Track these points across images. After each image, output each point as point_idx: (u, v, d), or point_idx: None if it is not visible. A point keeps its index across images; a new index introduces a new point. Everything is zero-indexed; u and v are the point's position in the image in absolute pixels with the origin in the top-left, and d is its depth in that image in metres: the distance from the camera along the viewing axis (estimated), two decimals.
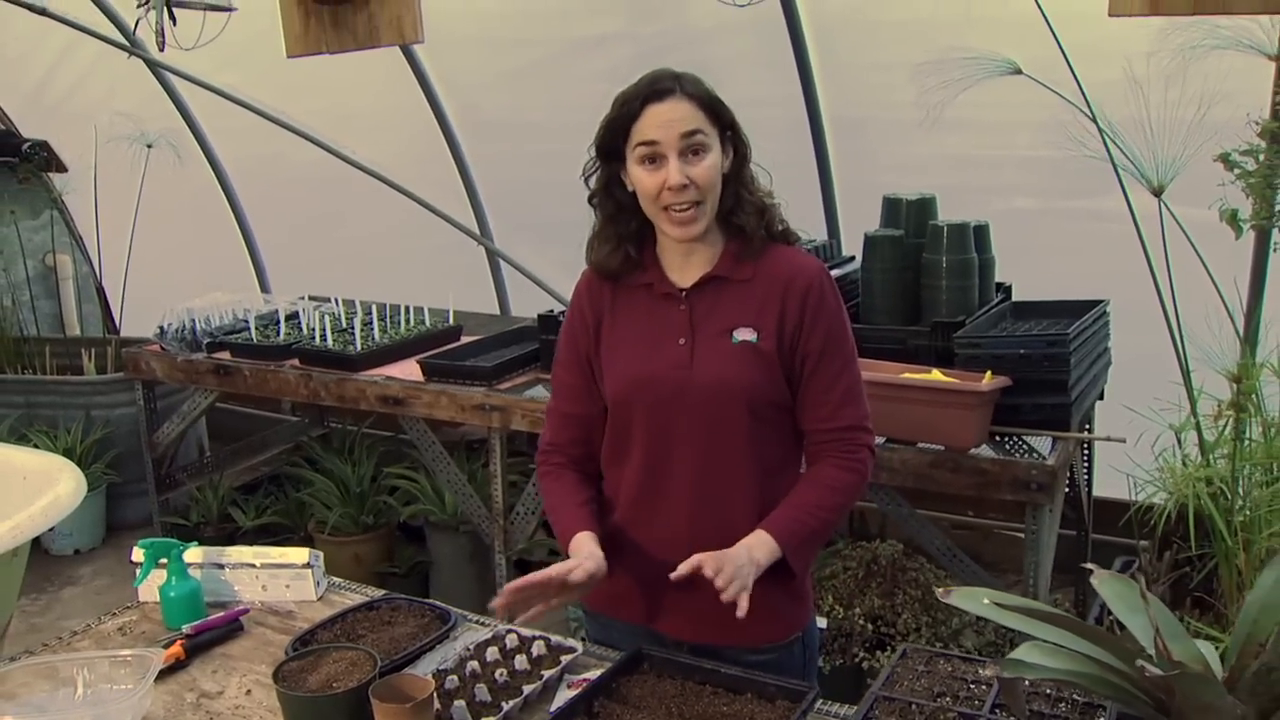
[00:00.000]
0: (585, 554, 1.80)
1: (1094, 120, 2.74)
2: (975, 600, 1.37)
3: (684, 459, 1.86)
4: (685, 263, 1.87)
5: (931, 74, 2.93)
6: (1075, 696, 1.61)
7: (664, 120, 1.74)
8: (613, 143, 1.80)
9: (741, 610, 1.67)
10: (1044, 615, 1.33)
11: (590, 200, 1.90)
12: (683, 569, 1.71)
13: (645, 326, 1.89)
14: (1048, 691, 1.63)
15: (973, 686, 1.66)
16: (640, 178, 1.78)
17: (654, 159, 1.76)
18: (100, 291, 6.08)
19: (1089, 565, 1.50)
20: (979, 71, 2.87)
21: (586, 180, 1.88)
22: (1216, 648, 1.42)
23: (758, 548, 1.77)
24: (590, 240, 1.93)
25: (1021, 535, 2.83)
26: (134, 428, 4.60)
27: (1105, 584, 1.47)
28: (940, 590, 1.43)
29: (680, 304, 1.86)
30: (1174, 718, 1.28)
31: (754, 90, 3.90)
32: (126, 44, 4.27)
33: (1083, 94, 2.77)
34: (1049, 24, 2.78)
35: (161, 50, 3.51)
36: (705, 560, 1.70)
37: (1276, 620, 1.30)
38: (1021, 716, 1.54)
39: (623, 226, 1.87)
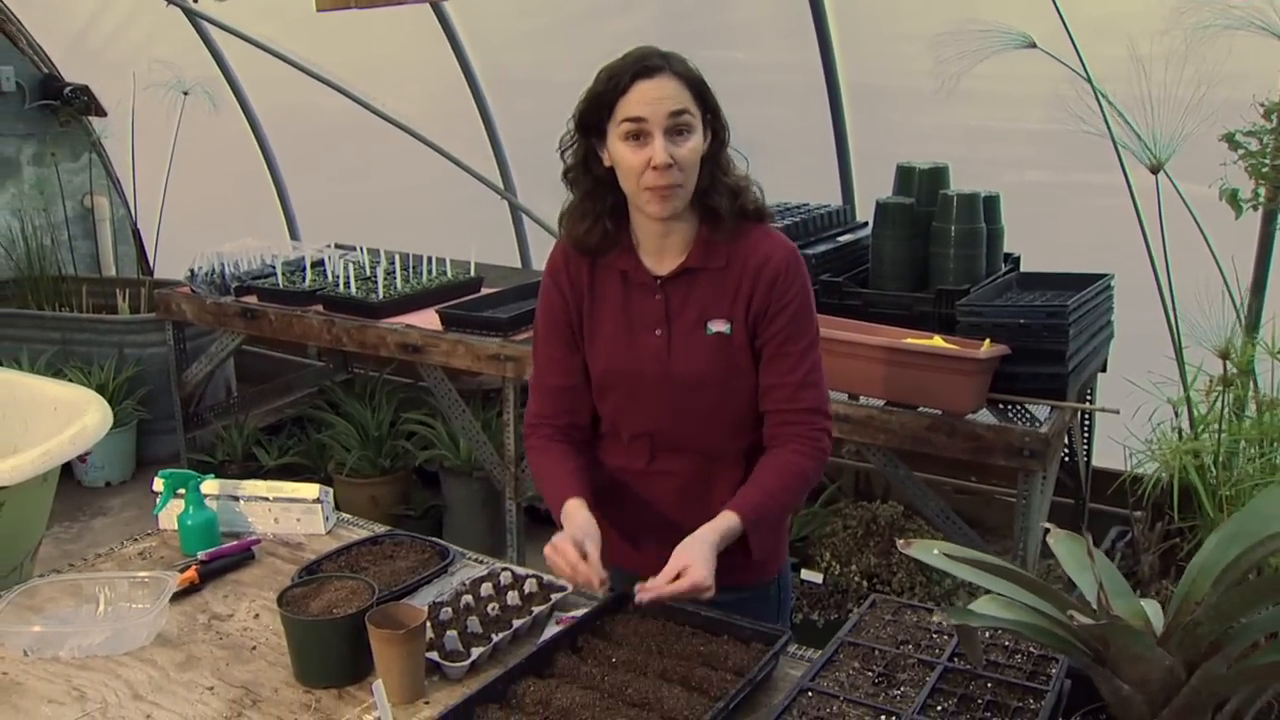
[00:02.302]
0: (582, 533, 1.81)
1: (1096, 96, 2.77)
2: (927, 552, 1.45)
3: (669, 431, 1.93)
4: (661, 245, 1.88)
5: (948, 45, 2.96)
6: (1031, 649, 1.69)
7: (653, 97, 1.73)
8: (595, 117, 1.79)
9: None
10: (990, 567, 1.41)
11: (565, 175, 1.89)
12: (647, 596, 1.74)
13: (622, 316, 1.91)
14: (1006, 643, 1.71)
15: (934, 636, 1.74)
16: (623, 154, 1.76)
17: (639, 136, 1.75)
18: (136, 233, 6.20)
19: (1046, 525, 1.58)
20: (994, 44, 2.90)
21: (563, 154, 1.87)
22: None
23: (716, 529, 1.78)
24: (563, 216, 1.93)
25: None
26: (164, 367, 4.71)
27: (1059, 543, 1.56)
28: (901, 542, 1.51)
29: (656, 293, 1.88)
30: (1109, 667, 1.37)
31: (773, 55, 3.92)
32: None
33: (1085, 69, 2.80)
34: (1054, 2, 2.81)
35: (198, 0, 3.60)
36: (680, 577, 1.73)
37: (1211, 581, 1.37)
38: (978, 664, 1.63)
39: (599, 203, 1.86)
